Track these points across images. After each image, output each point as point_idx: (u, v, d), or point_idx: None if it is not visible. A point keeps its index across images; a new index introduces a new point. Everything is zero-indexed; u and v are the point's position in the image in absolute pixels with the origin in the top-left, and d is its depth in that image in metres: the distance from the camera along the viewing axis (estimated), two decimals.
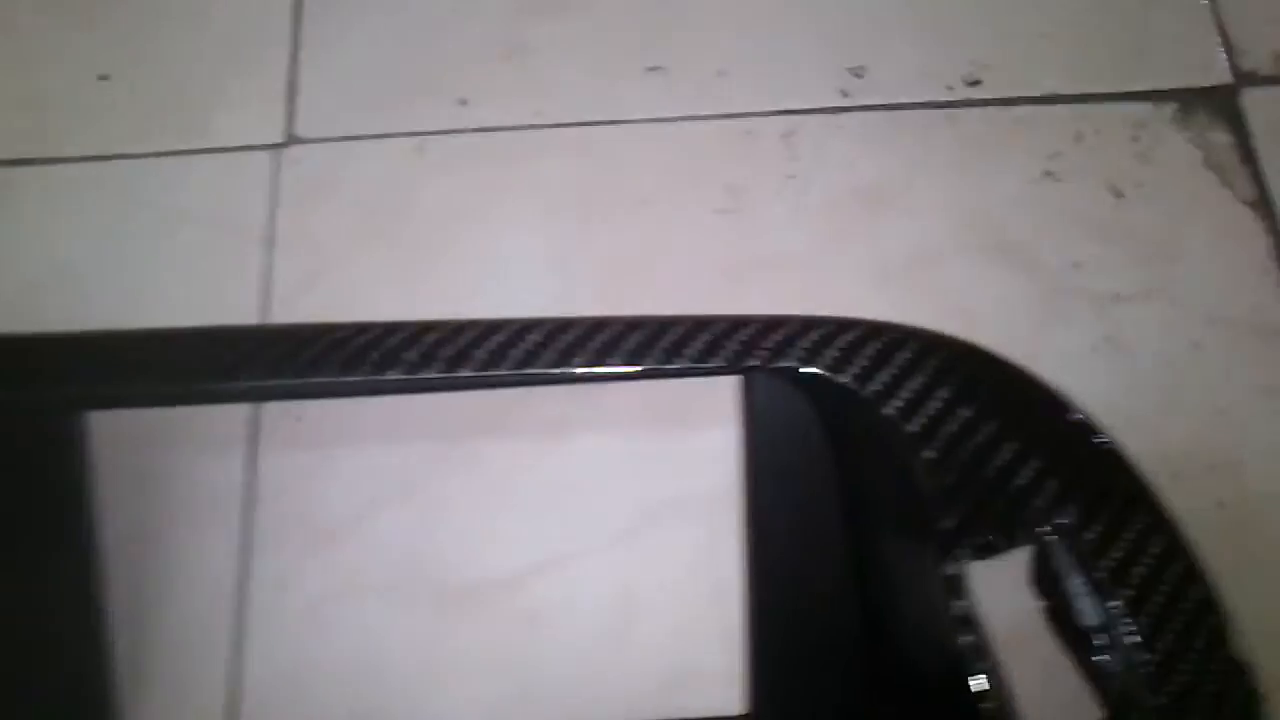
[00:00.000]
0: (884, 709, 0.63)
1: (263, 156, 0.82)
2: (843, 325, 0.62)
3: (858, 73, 0.85)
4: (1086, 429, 0.59)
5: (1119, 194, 0.82)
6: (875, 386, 0.60)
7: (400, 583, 0.71)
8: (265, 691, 0.68)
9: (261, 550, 0.71)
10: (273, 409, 0.74)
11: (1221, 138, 0.84)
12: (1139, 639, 0.56)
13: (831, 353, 0.61)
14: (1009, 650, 0.62)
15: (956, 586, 0.57)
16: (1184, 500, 0.68)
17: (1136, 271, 0.80)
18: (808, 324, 0.62)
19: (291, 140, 0.83)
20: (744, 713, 0.65)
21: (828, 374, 0.60)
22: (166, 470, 0.72)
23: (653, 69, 0.85)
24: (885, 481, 0.61)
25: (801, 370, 0.61)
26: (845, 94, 0.85)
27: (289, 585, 0.70)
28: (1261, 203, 0.82)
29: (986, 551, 0.58)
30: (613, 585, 0.71)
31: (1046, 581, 0.60)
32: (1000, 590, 0.62)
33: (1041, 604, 0.61)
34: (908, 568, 0.61)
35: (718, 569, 0.70)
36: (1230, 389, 0.77)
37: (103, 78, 0.84)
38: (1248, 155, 0.83)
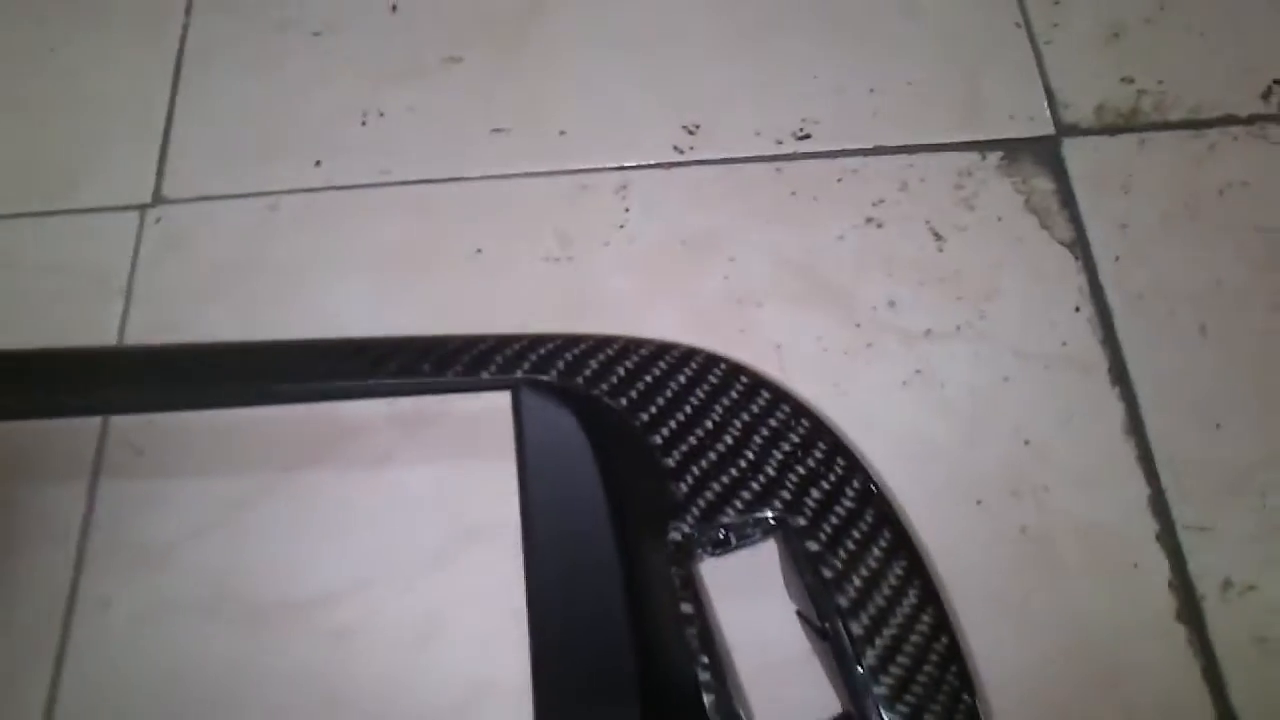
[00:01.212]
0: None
1: (130, 216, 0.96)
2: (601, 341, 0.73)
3: (691, 130, 0.98)
4: (828, 437, 0.69)
5: (940, 237, 0.93)
6: (627, 396, 0.70)
7: (216, 603, 0.80)
8: (79, 707, 0.78)
9: (90, 572, 0.82)
10: (114, 441, 0.86)
11: (1043, 184, 0.95)
12: (863, 634, 0.64)
13: (589, 366, 0.71)
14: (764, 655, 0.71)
15: (687, 585, 0.66)
16: (988, 525, 0.77)
17: (951, 309, 0.90)
18: (570, 340, 0.73)
19: (158, 200, 0.97)
20: None
21: (583, 385, 0.71)
22: (10, 498, 0.84)
23: (497, 130, 0.98)
24: (638, 489, 0.71)
25: (558, 383, 0.71)
26: (679, 150, 0.97)
27: (112, 605, 0.81)
28: (1078, 243, 0.92)
29: (720, 548, 0.67)
30: (420, 607, 0.80)
31: (793, 583, 0.69)
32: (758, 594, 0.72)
33: (795, 607, 0.70)
34: (658, 573, 0.70)
35: (520, 591, 0.79)
36: (1035, 420, 0.86)
37: None
38: (1067, 199, 0.94)
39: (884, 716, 0.61)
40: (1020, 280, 0.90)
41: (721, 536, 0.66)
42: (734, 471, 0.67)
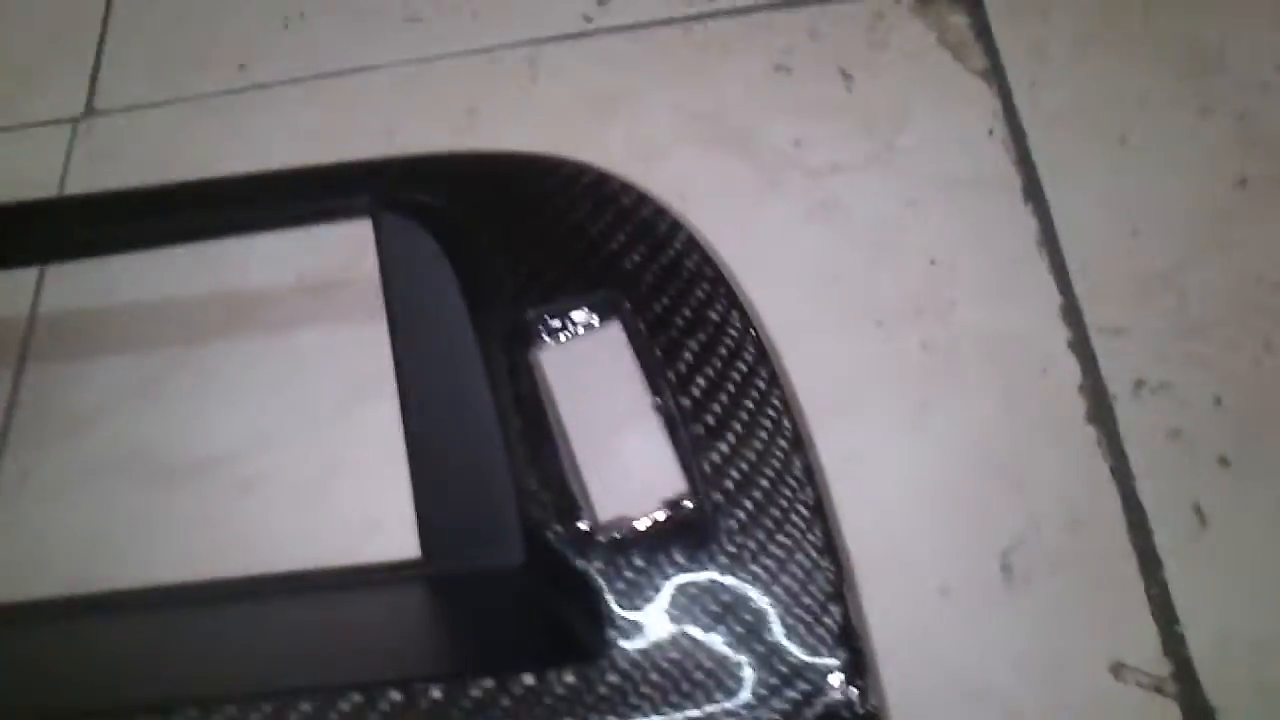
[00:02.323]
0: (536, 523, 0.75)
1: (63, 129, 1.07)
2: (456, 156, 0.80)
3: (601, 1, 1.05)
4: (666, 220, 0.74)
5: (849, 77, 0.98)
6: (481, 205, 0.77)
7: (130, 467, 0.89)
8: (4, 570, 0.87)
9: (14, 447, 0.91)
10: (41, 330, 0.96)
11: (958, 20, 0.99)
12: (697, 403, 0.69)
13: (447, 180, 0.78)
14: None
15: (524, 372, 0.72)
16: (889, 343, 0.81)
17: (859, 144, 0.94)
18: (426, 158, 0.80)
19: (90, 114, 1.08)
20: (418, 557, 0.77)
21: (440, 199, 0.77)
22: None
23: (411, 19, 1.07)
24: (490, 292, 0.77)
25: (415, 201, 0.78)
26: (588, 19, 1.04)
27: (30, 475, 0.90)
28: (992, 72, 0.96)
29: (558, 332, 0.73)
30: (317, 459, 0.87)
31: (650, 375, 0.74)
32: None
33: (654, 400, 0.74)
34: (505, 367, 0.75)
35: None
36: (943, 241, 0.89)
37: None
38: (982, 30, 0.97)
39: (711, 491, 0.65)
40: (932, 111, 0.94)
41: (558, 323, 0.71)
42: (576, 260, 0.73)
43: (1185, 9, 0.93)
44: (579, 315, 0.71)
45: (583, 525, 0.65)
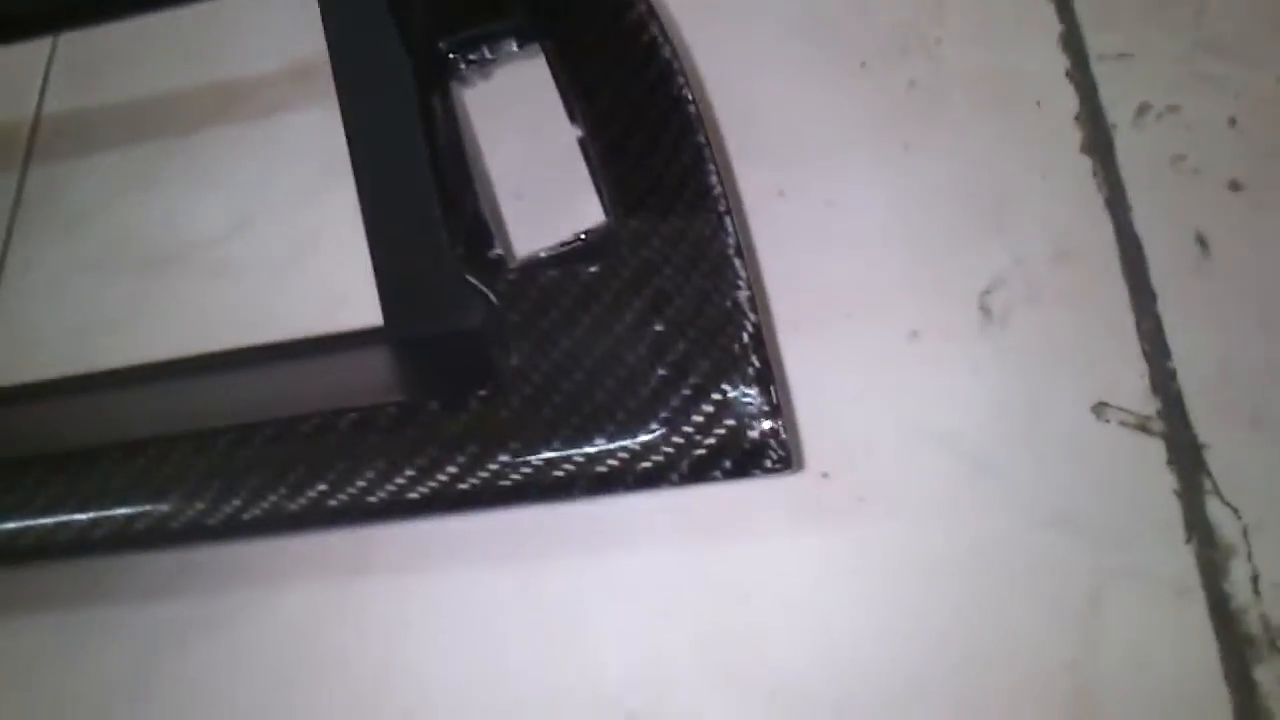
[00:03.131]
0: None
1: None
2: None
3: None
4: None
5: None
6: None
7: (121, 255, 0.89)
8: (4, 351, 0.89)
9: (18, 242, 0.92)
10: (45, 130, 0.96)
11: None
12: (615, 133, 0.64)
13: None
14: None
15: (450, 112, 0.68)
16: (873, 85, 0.75)
17: None
18: None
19: None
20: (379, 325, 0.75)
21: None
22: None
23: None
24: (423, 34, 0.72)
25: None
26: None
27: (33, 266, 0.91)
28: None
29: (479, 63, 0.68)
30: (291, 239, 0.85)
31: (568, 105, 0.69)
32: None
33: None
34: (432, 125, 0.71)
35: None
36: None
37: None
38: None
39: (625, 218, 0.61)
40: None
41: (479, 55, 0.67)
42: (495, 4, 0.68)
43: None
44: (501, 46, 0.65)
45: (494, 254, 0.61)
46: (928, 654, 0.62)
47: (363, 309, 0.74)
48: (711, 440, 0.55)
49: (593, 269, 0.59)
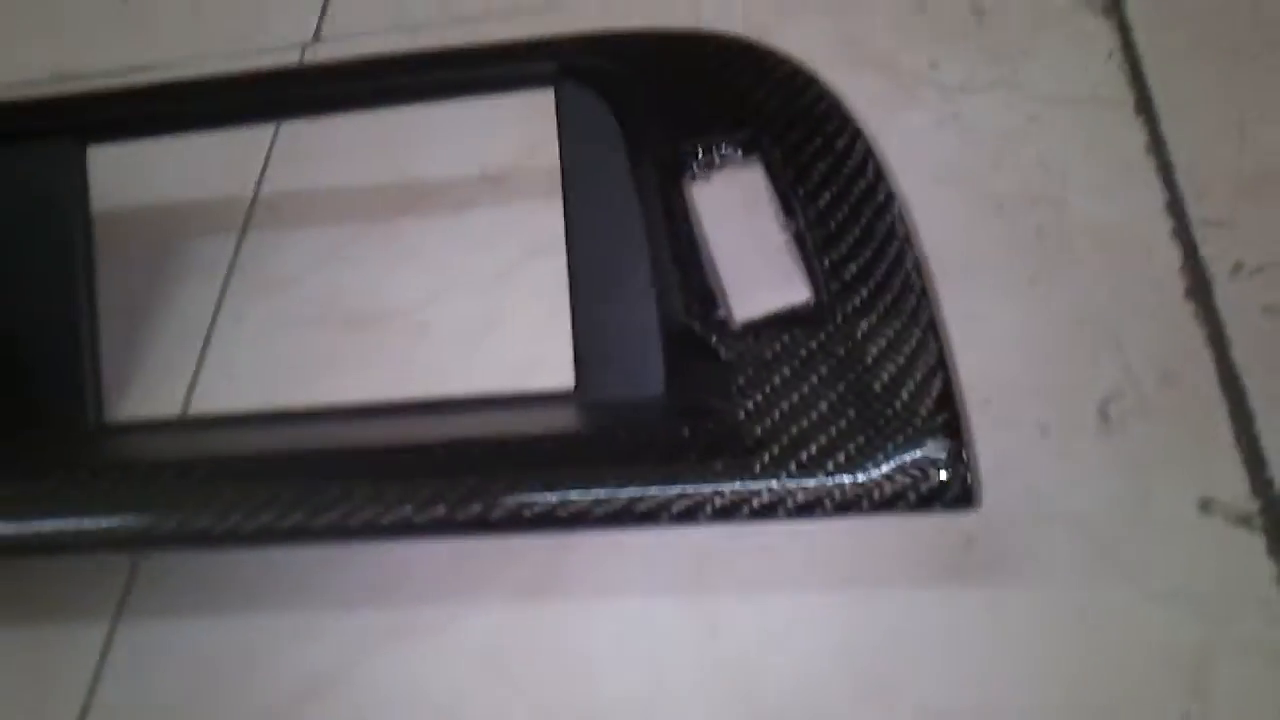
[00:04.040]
0: (683, 353, 0.79)
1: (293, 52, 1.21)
2: (611, 32, 0.89)
3: None
4: (806, 77, 0.82)
5: (980, 12, 1.05)
6: (638, 70, 0.86)
7: (324, 316, 1.01)
8: (214, 389, 0.99)
9: (231, 299, 1.04)
10: (261, 207, 1.09)
11: None
12: (829, 238, 0.77)
13: (607, 53, 0.88)
14: None
15: (681, 201, 0.81)
16: (1006, 229, 0.88)
17: (987, 69, 1.01)
18: (601, 35, 0.90)
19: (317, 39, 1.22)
20: (572, 388, 0.85)
21: (602, 66, 0.87)
22: (168, 247, 1.07)
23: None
24: (653, 141, 0.86)
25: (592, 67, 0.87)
26: None
27: (245, 319, 1.02)
28: (1113, 8, 1.03)
29: (707, 166, 0.81)
30: (487, 309, 0.97)
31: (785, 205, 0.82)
32: None
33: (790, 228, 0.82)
34: (658, 215, 0.84)
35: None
36: (1059, 148, 0.96)
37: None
38: None
39: (832, 294, 0.73)
40: (1056, 41, 1.00)
41: (705, 155, 0.80)
42: (728, 108, 0.81)
43: None
44: (726, 152, 0.78)
45: (719, 315, 0.72)
46: (1051, 707, 0.72)
47: (551, 376, 0.84)
48: (908, 479, 0.65)
49: (811, 333, 0.70)
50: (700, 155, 0.79)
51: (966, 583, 0.75)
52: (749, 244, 0.77)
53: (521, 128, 1.03)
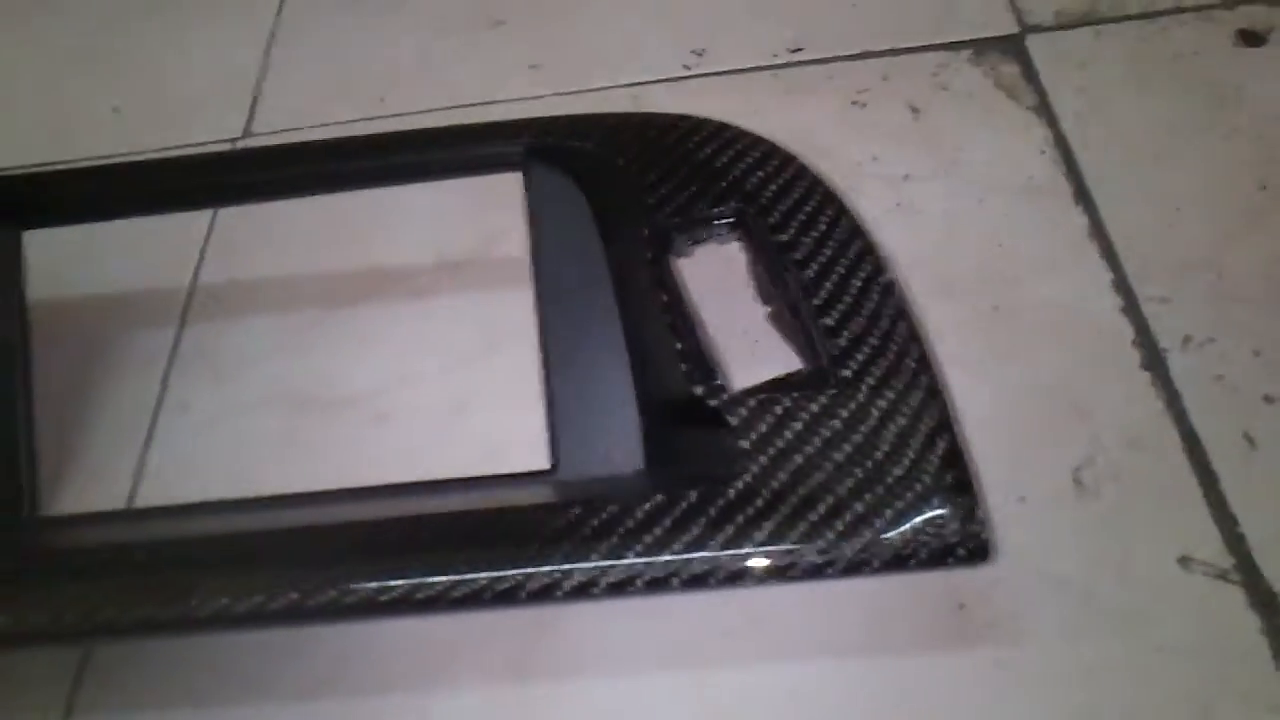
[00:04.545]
0: (662, 426, 0.79)
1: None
2: (580, 116, 0.90)
3: (698, 52, 1.18)
4: (781, 154, 0.84)
5: (917, 111, 1.10)
6: (622, 153, 0.87)
7: (275, 404, 0.96)
8: (161, 482, 0.94)
9: (175, 384, 0.99)
10: (201, 295, 1.05)
11: (1010, 68, 1.11)
12: (821, 306, 0.78)
13: (577, 134, 0.88)
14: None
15: (669, 276, 0.81)
16: (963, 308, 0.90)
17: (927, 159, 1.05)
18: (569, 119, 0.90)
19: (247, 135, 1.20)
20: (549, 466, 0.83)
21: (573, 146, 0.87)
22: (105, 336, 1.03)
23: (534, 67, 1.20)
24: (631, 220, 0.86)
25: (561, 146, 0.88)
26: (687, 67, 1.17)
27: (191, 408, 0.98)
28: (1042, 106, 1.07)
29: (692, 240, 0.82)
30: (451, 394, 0.94)
31: (764, 287, 0.83)
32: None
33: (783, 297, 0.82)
34: (639, 291, 0.84)
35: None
36: (1006, 231, 0.99)
37: None
38: (1031, 75, 1.09)
39: (830, 355, 0.73)
40: (990, 136, 1.05)
41: (690, 231, 0.81)
42: (705, 184, 0.82)
43: (1209, 62, 1.04)
44: (712, 228, 0.79)
45: (718, 382, 0.72)
46: None
47: (522, 461, 0.82)
48: (922, 537, 0.65)
49: (813, 397, 0.70)
50: (685, 231, 0.78)
51: (969, 645, 0.75)
52: (740, 314, 0.77)
53: (476, 214, 1.03)
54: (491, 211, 1.01)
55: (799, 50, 1.14)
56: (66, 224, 0.90)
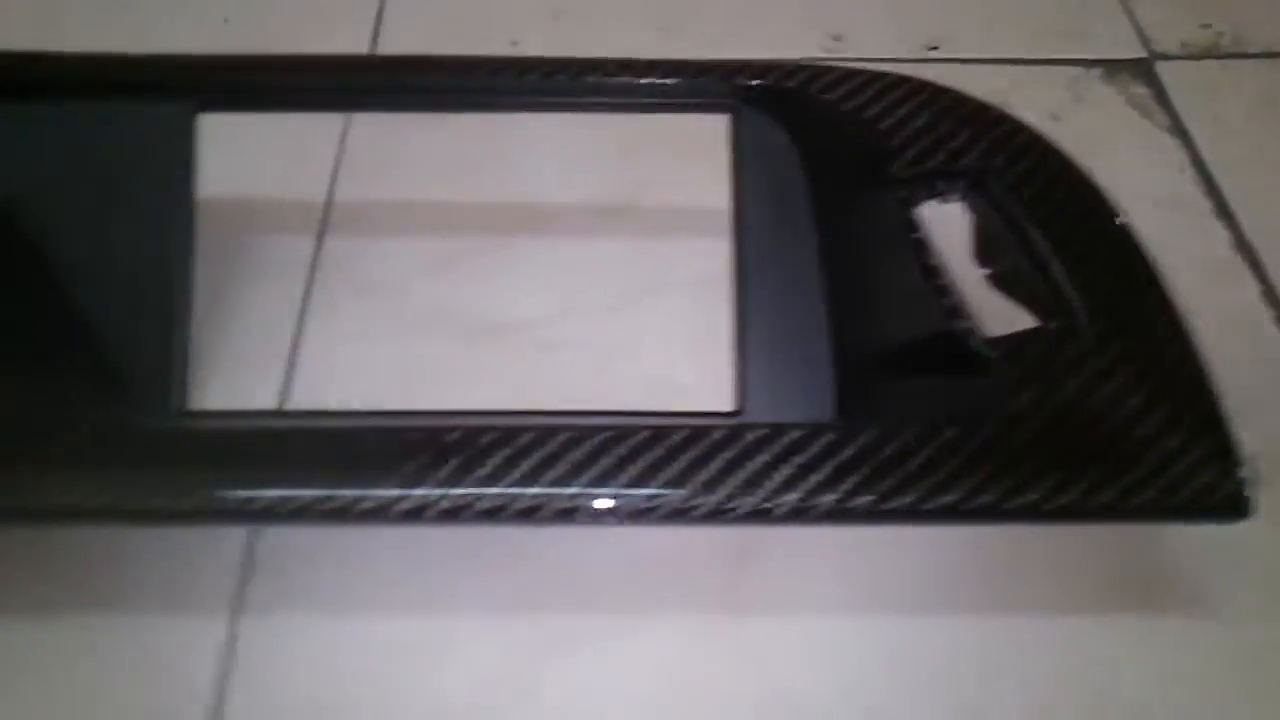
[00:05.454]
0: (858, 376, 0.78)
1: None
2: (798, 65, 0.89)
3: (836, 37, 1.19)
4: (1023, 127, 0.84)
5: (1056, 118, 1.12)
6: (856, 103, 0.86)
7: (435, 324, 0.93)
8: (309, 391, 0.89)
9: (319, 297, 0.95)
10: (337, 212, 1.00)
11: (1141, 90, 1.14)
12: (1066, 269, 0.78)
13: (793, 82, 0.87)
14: None
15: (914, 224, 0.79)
16: None
17: None
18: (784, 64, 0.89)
19: None
20: (734, 409, 0.79)
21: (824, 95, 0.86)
22: (240, 239, 0.97)
23: (662, 30, 1.19)
24: (856, 179, 0.85)
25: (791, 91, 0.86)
26: (826, 51, 1.18)
27: (337, 321, 0.93)
28: (1175, 128, 1.10)
29: (941, 195, 0.81)
30: (617, 332, 0.91)
31: (984, 249, 0.83)
32: None
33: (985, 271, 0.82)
34: (872, 242, 0.83)
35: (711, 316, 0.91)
36: (1154, 239, 1.01)
37: None
38: (1163, 100, 1.13)
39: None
40: (1130, 149, 1.08)
41: (930, 188, 0.80)
42: (937, 149, 0.82)
43: None
44: (950, 184, 0.79)
45: (971, 329, 0.72)
46: None
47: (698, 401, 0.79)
48: (1180, 488, 0.66)
49: (1071, 349, 0.70)
50: (917, 187, 0.78)
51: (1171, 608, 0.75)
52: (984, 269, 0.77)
53: (620, 160, 1.04)
54: (636, 158, 1.02)
55: (935, 49, 1.15)
56: (243, 111, 0.85)
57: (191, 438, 0.75)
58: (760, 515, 0.66)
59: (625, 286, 0.93)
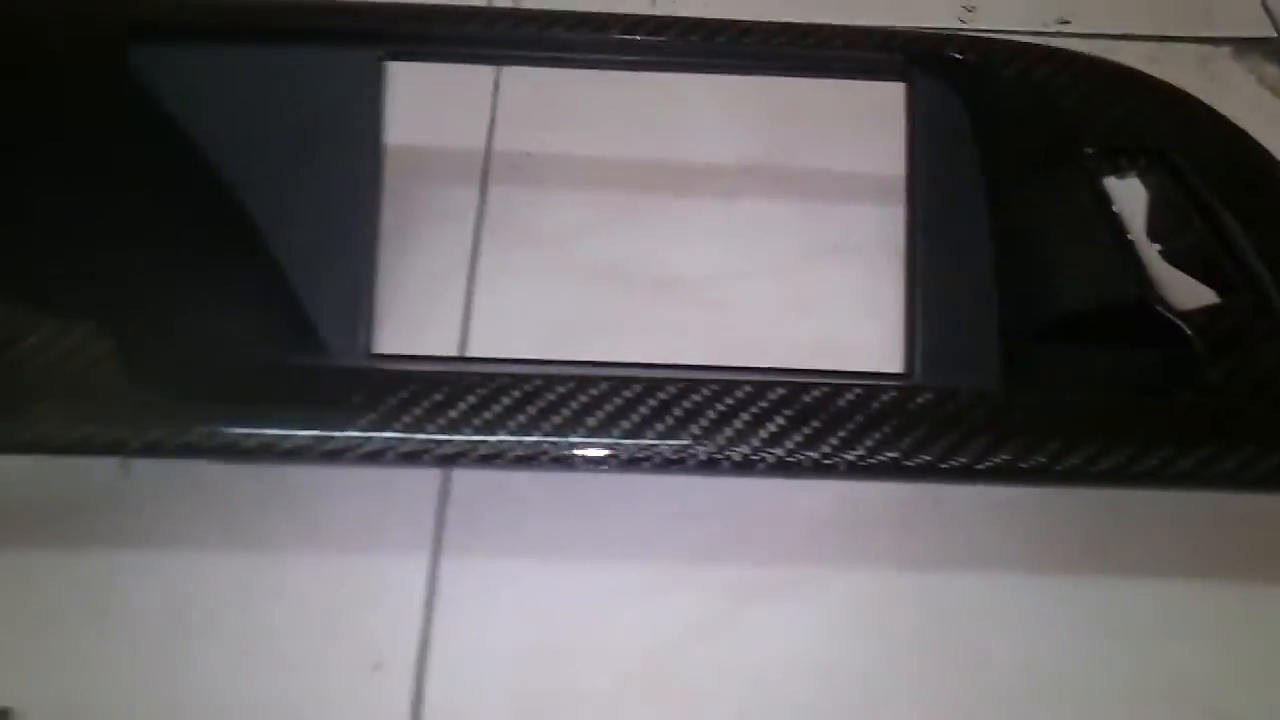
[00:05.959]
0: (1029, 347, 0.80)
1: None
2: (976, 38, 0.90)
3: (970, 8, 1.20)
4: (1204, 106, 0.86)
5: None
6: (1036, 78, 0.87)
7: (602, 274, 0.94)
8: (487, 337, 0.91)
9: (489, 245, 0.96)
10: (497, 163, 1.02)
11: (1273, 70, 1.16)
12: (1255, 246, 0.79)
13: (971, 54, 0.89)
14: None
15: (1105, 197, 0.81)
16: None
17: None
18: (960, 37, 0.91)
19: None
20: (902, 371, 0.81)
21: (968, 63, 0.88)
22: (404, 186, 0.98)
23: None
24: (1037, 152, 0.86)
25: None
26: (961, 21, 1.19)
27: (509, 270, 0.95)
28: None
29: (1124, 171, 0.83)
30: (784, 293, 0.93)
31: (1160, 225, 0.84)
32: None
33: (1158, 247, 0.84)
34: (1056, 214, 0.85)
35: (879, 283, 0.93)
36: None
37: None
38: None
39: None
40: (1267, 128, 1.09)
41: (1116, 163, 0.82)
42: (1122, 126, 0.84)
43: None
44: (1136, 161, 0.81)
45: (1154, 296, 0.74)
46: None
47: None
48: None
49: (1264, 319, 0.72)
50: (1110, 163, 0.80)
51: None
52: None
53: (768, 124, 1.06)
54: (781, 123, 1.04)
55: (1066, 23, 1.16)
56: (432, 60, 0.87)
57: (383, 379, 0.76)
58: (929, 472, 0.69)
59: (792, 248, 0.95)
